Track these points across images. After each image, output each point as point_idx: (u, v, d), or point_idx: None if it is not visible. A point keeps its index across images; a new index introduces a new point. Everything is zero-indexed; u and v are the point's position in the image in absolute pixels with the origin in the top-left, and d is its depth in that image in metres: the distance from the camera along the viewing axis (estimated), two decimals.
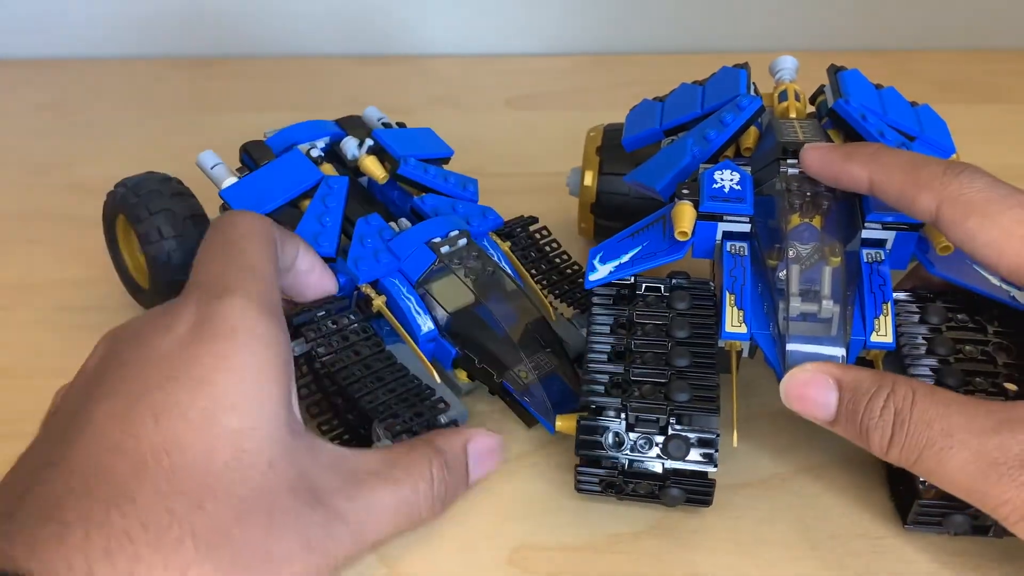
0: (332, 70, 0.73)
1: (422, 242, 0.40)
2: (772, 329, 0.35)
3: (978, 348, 0.35)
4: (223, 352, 0.29)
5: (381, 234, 0.41)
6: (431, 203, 0.43)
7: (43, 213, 0.56)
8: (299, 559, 0.28)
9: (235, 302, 0.31)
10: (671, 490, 0.34)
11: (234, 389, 0.29)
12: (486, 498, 0.37)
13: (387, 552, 0.35)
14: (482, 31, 0.76)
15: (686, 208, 0.37)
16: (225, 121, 0.66)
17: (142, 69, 0.74)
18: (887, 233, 0.37)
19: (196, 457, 0.28)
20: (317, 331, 0.37)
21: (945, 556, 0.34)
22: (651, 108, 0.45)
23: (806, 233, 0.35)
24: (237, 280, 0.32)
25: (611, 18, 0.76)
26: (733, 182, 0.37)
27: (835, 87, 0.42)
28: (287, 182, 0.43)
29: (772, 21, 0.75)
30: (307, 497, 0.29)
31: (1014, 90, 0.70)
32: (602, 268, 0.38)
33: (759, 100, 0.41)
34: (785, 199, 0.37)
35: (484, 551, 0.35)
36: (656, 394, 0.34)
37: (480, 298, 0.39)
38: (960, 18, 0.76)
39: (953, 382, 0.34)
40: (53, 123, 0.67)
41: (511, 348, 0.38)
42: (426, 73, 0.73)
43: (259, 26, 0.75)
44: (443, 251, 0.40)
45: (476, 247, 0.41)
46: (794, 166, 0.37)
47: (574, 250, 0.45)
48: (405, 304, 0.39)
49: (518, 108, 0.68)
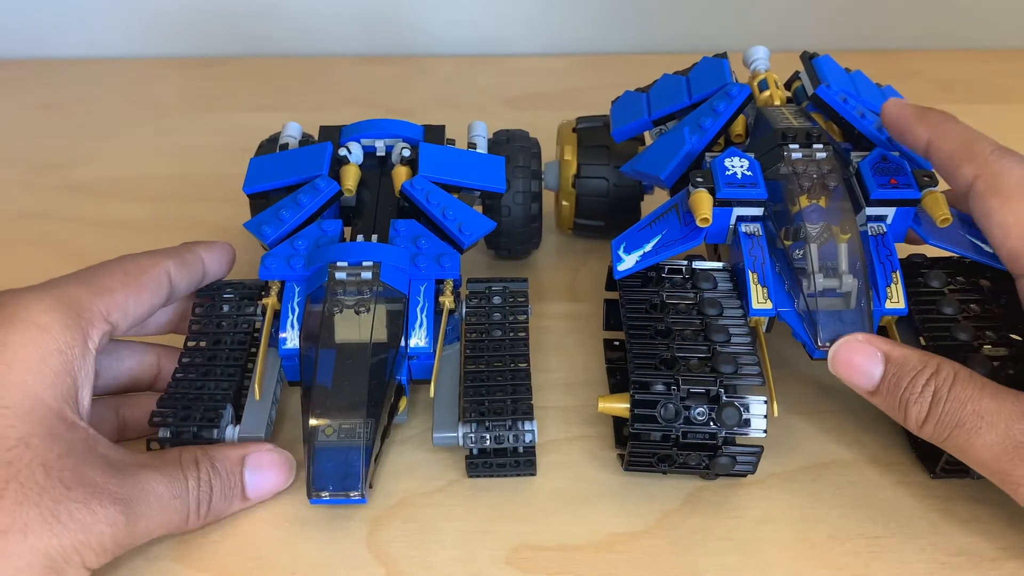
0: (333, 70, 0.73)
1: (328, 261, 0.38)
2: (797, 305, 0.37)
3: (982, 306, 0.38)
4: (3, 338, 0.31)
5: (318, 241, 0.40)
6: (403, 228, 0.41)
7: (43, 213, 0.56)
8: (40, 533, 0.29)
9: (32, 295, 0.33)
10: (721, 458, 0.35)
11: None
12: (486, 498, 0.37)
13: (386, 552, 0.35)
14: (482, 31, 0.76)
15: (704, 196, 0.38)
16: (225, 121, 0.66)
17: (142, 69, 0.74)
18: (888, 209, 0.38)
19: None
20: (201, 310, 0.39)
21: (944, 556, 0.34)
22: (636, 99, 0.47)
23: (815, 214, 0.37)
24: (55, 283, 0.34)
25: (611, 18, 0.76)
26: (744, 168, 0.39)
27: (811, 73, 0.44)
28: (295, 169, 0.43)
29: (772, 21, 0.75)
30: (66, 476, 0.30)
31: (1015, 90, 0.70)
32: (628, 258, 0.39)
33: (747, 88, 0.43)
34: (794, 182, 0.38)
35: (484, 551, 0.35)
36: (703, 367, 0.35)
37: (326, 336, 0.36)
38: (960, 18, 0.75)
39: (966, 336, 0.36)
40: (53, 123, 0.67)
41: (327, 399, 0.35)
42: (426, 73, 0.73)
43: (260, 26, 0.75)
44: (336, 276, 0.38)
45: (380, 284, 0.38)
46: (797, 151, 0.39)
47: (551, 246, 0.45)
48: (285, 314, 0.38)
49: (518, 108, 0.68)
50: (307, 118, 0.50)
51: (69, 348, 0.32)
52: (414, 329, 0.38)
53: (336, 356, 0.36)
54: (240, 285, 0.41)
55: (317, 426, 0.34)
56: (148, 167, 0.61)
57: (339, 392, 0.35)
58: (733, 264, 0.40)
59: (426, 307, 0.38)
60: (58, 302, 0.33)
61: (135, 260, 0.37)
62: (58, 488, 0.30)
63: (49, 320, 0.32)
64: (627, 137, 0.46)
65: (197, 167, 0.60)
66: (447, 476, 0.38)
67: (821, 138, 0.39)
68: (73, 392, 0.32)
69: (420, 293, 0.38)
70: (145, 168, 0.61)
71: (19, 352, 0.31)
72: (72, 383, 0.32)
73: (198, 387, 0.37)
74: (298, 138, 0.47)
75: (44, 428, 0.31)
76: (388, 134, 0.45)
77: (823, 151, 0.39)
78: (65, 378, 0.32)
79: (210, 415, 0.36)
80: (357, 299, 0.37)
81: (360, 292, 0.37)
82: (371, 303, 0.37)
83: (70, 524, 0.29)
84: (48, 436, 0.31)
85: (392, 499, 0.37)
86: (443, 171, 0.43)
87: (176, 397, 0.37)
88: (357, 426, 0.34)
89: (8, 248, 0.53)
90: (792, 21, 0.75)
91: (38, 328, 0.32)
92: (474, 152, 0.45)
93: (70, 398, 0.32)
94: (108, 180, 0.59)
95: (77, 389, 0.33)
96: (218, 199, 0.44)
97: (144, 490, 0.32)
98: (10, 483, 0.29)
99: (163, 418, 0.36)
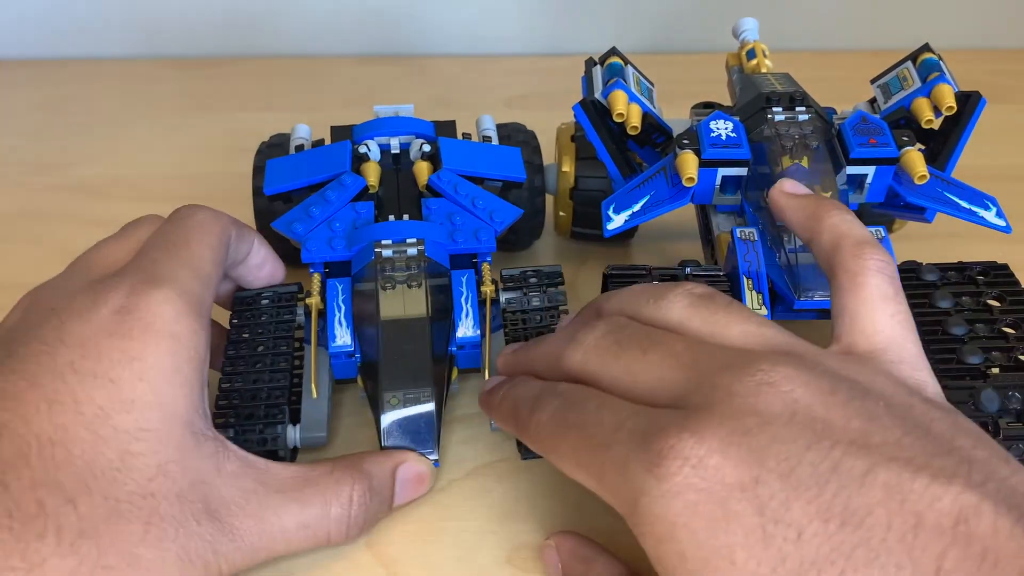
0: (332, 70, 0.73)
1: (371, 239, 0.39)
2: (779, 259, 0.38)
3: (974, 299, 0.38)
4: (134, 351, 0.29)
5: (355, 223, 0.41)
6: (435, 206, 0.42)
7: (43, 213, 0.56)
8: (172, 569, 0.28)
9: (162, 296, 0.30)
10: None
11: (135, 388, 0.29)
12: (486, 498, 0.37)
13: (385, 552, 0.35)
14: (482, 31, 0.76)
15: (689, 156, 0.39)
16: (225, 121, 0.66)
17: (142, 69, 0.74)
18: (868, 168, 0.40)
19: (81, 453, 0.28)
20: (242, 314, 0.39)
21: None
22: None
23: (797, 173, 0.38)
24: (172, 273, 0.32)
25: (611, 18, 0.76)
26: (728, 130, 0.40)
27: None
28: (317, 168, 0.43)
29: (772, 22, 0.75)
30: (197, 508, 0.29)
31: (1015, 90, 0.70)
32: (617, 218, 0.40)
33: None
34: (777, 143, 0.39)
35: (484, 551, 0.35)
36: None
37: (383, 312, 0.37)
38: (960, 18, 0.76)
39: (960, 331, 0.37)
40: (53, 123, 0.67)
41: (391, 371, 0.36)
42: (426, 73, 0.73)
43: (260, 26, 0.75)
44: (383, 254, 0.39)
45: (426, 259, 0.39)
46: (780, 113, 0.41)
47: (549, 245, 0.45)
48: (332, 312, 0.38)
49: (518, 108, 0.68)
50: (307, 118, 0.50)
51: (198, 354, 0.31)
52: (461, 319, 0.38)
53: (395, 330, 0.37)
54: (273, 291, 0.40)
55: (384, 396, 0.35)
56: (147, 167, 0.61)
57: (402, 363, 0.36)
58: (729, 269, 0.40)
59: (470, 297, 0.39)
60: (187, 305, 0.31)
61: (211, 228, 0.35)
62: (190, 523, 0.29)
63: (182, 329, 0.30)
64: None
65: (197, 167, 0.60)
66: (447, 476, 0.38)
67: (804, 101, 0.41)
68: (201, 398, 0.31)
69: (463, 284, 0.39)
70: (145, 168, 0.61)
71: (156, 366, 0.29)
72: (200, 389, 0.31)
73: (253, 385, 0.36)
74: (309, 139, 0.47)
75: (180, 451, 0.29)
76: (402, 132, 0.45)
77: (805, 113, 0.40)
78: (196, 386, 0.30)
79: (273, 411, 0.36)
80: (407, 274, 0.38)
81: (408, 268, 0.38)
82: (422, 278, 0.38)
83: (197, 561, 0.29)
84: (183, 460, 0.29)
85: None
86: (466, 164, 0.43)
87: (232, 397, 0.36)
88: (421, 394, 0.35)
89: (7, 248, 0.53)
90: (792, 21, 0.75)
91: (173, 338, 0.30)
92: (491, 144, 0.46)
93: (200, 406, 0.31)
94: (107, 180, 0.59)
95: (202, 392, 0.31)
96: (218, 200, 0.44)
97: (269, 526, 0.30)
98: (153, 515, 0.28)
99: (225, 419, 0.35)
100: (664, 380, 0.28)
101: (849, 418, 0.25)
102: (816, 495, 0.24)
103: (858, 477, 0.24)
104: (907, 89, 0.44)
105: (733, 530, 0.24)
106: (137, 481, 0.28)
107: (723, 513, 0.24)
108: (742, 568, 0.23)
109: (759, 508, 0.24)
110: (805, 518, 0.23)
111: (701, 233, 0.47)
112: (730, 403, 0.26)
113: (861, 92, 0.48)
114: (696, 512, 0.24)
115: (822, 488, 0.24)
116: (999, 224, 0.39)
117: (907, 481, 0.23)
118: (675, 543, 0.24)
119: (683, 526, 0.24)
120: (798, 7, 0.75)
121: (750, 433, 0.25)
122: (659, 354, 0.29)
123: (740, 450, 0.25)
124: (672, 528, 0.24)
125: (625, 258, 0.52)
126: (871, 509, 0.23)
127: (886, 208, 0.42)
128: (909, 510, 0.23)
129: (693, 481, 0.24)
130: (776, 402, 0.26)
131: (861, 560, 0.23)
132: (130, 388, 0.29)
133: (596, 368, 0.30)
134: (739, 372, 0.27)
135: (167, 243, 0.34)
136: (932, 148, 0.43)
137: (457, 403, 0.41)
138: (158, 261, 0.32)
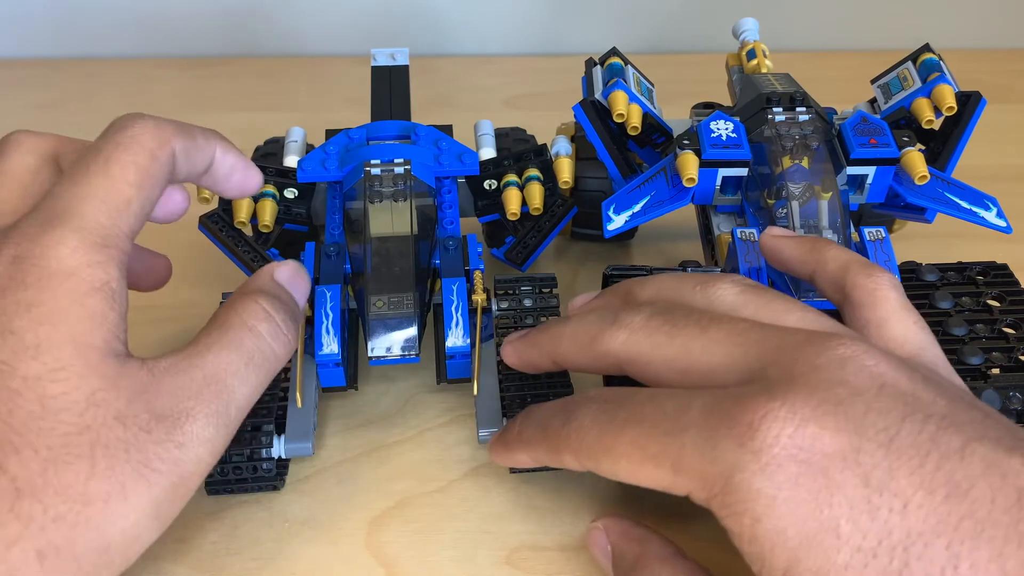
0: (332, 70, 0.73)
1: (361, 160, 0.42)
2: None
3: (974, 299, 0.38)
4: (30, 298, 0.28)
5: (347, 146, 0.43)
6: (423, 131, 0.44)
7: None
8: (136, 485, 0.27)
9: (55, 238, 0.29)
10: None
11: (37, 333, 0.28)
12: (486, 498, 0.37)
13: (385, 552, 0.35)
14: (482, 31, 0.76)
15: (690, 157, 0.39)
16: (225, 121, 0.65)
17: (142, 69, 0.74)
18: (868, 168, 0.40)
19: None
20: None
21: None
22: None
23: (797, 173, 0.38)
24: (72, 208, 0.30)
25: (611, 18, 0.76)
26: (728, 131, 0.40)
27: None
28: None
29: (772, 22, 0.75)
30: (142, 419, 0.28)
31: (1015, 90, 0.70)
32: (617, 218, 0.40)
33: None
34: (777, 143, 0.39)
35: (484, 551, 0.35)
36: None
37: (371, 226, 0.39)
38: (960, 18, 0.75)
39: (960, 332, 0.37)
40: (53, 123, 0.67)
41: (378, 278, 0.38)
42: (426, 73, 0.73)
43: (260, 26, 0.75)
44: (372, 172, 0.41)
45: (412, 178, 0.41)
46: (780, 114, 0.41)
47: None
48: (320, 319, 0.38)
49: (518, 108, 0.68)
50: (307, 118, 0.50)
51: (102, 283, 0.29)
52: (450, 328, 0.38)
53: (383, 242, 0.39)
54: None
55: (370, 299, 0.37)
56: None
57: (388, 272, 0.38)
58: (729, 270, 0.40)
59: (460, 306, 0.39)
60: (83, 240, 0.29)
61: (141, 142, 0.32)
62: (140, 435, 0.28)
63: (78, 263, 0.29)
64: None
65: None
66: (447, 476, 0.38)
67: (804, 101, 0.41)
68: (115, 324, 0.30)
69: (453, 292, 0.39)
70: None
71: (56, 308, 0.28)
72: (113, 315, 0.29)
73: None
74: (301, 142, 0.47)
75: (104, 378, 0.28)
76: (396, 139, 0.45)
77: (806, 113, 0.40)
78: (107, 313, 0.29)
79: (259, 423, 0.35)
80: (394, 190, 0.40)
81: (395, 184, 0.41)
82: (407, 193, 0.40)
83: (162, 467, 0.28)
84: (110, 384, 0.28)
85: (392, 499, 0.37)
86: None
87: None
88: (404, 299, 0.37)
89: None
90: (792, 21, 0.75)
91: (69, 275, 0.29)
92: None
93: (116, 331, 0.29)
94: None
95: (118, 319, 0.30)
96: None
97: (222, 381, 0.30)
98: (95, 447, 0.27)
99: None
100: (733, 356, 0.27)
101: (935, 395, 0.25)
102: (919, 465, 0.23)
103: (957, 450, 0.23)
104: (907, 89, 0.44)
105: (838, 502, 0.23)
106: (67, 422, 0.27)
107: (827, 484, 0.23)
108: (847, 541, 0.23)
109: (864, 478, 0.23)
110: (910, 488, 0.23)
111: (701, 233, 0.47)
112: (816, 375, 0.25)
113: (861, 92, 0.48)
114: (798, 484, 0.23)
115: (924, 459, 0.23)
116: (999, 224, 0.39)
117: (1003, 458, 0.23)
118: (775, 519, 0.24)
119: (785, 500, 0.23)
120: (798, 7, 0.75)
121: (844, 403, 0.24)
122: (723, 332, 0.28)
123: (836, 419, 0.24)
124: (772, 503, 0.24)
125: (625, 258, 0.52)
126: (974, 482, 0.23)
127: (886, 208, 0.42)
128: (1012, 484, 0.23)
129: (792, 452, 0.24)
130: (863, 374, 0.25)
131: (968, 532, 0.22)
132: (32, 335, 0.28)
133: (645, 349, 0.29)
134: (820, 346, 0.26)
135: (80, 170, 0.31)
136: (932, 148, 0.43)
137: (456, 404, 0.41)
138: (59, 197, 0.30)
